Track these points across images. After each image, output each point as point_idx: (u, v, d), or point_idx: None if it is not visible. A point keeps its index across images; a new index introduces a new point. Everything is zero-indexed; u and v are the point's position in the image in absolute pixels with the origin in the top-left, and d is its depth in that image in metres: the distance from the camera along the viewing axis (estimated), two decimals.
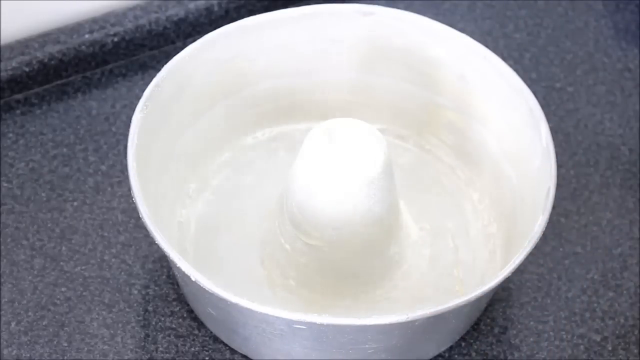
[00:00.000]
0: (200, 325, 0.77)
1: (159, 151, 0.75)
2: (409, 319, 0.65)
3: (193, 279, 0.66)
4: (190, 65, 0.77)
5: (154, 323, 0.77)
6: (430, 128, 0.84)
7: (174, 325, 0.77)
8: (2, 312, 0.77)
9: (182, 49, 0.77)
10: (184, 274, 0.67)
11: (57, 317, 0.77)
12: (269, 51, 0.81)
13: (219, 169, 0.83)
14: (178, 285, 0.78)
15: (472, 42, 0.78)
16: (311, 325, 0.65)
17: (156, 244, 0.68)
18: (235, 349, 0.76)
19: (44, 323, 0.77)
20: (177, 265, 0.67)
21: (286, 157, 0.82)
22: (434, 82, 0.81)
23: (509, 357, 0.77)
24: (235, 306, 0.65)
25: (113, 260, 0.80)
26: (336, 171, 0.70)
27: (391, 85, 0.83)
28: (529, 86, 0.76)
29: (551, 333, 0.78)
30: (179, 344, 0.76)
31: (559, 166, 0.84)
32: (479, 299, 0.67)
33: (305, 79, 0.83)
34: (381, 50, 0.81)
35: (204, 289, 0.66)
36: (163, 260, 0.79)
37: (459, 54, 0.79)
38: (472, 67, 0.79)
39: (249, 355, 0.75)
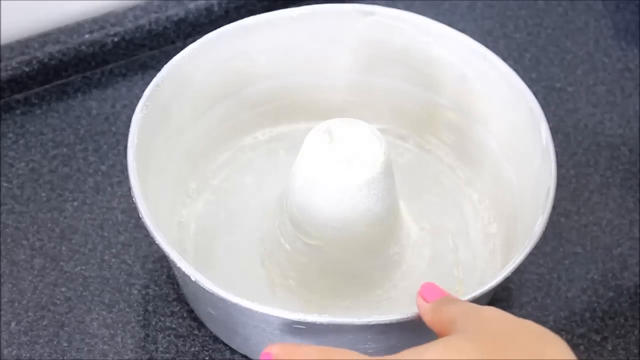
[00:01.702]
0: (200, 325, 0.77)
1: (159, 151, 0.75)
2: (409, 319, 0.64)
3: (193, 279, 0.66)
4: (190, 65, 0.77)
5: (154, 323, 0.77)
6: (430, 128, 0.84)
7: (174, 325, 0.77)
8: (2, 312, 0.77)
9: (182, 49, 0.77)
10: (184, 273, 0.67)
11: (57, 317, 0.77)
12: (268, 51, 0.81)
13: (219, 169, 0.83)
14: (178, 285, 0.78)
15: (472, 42, 0.78)
16: (311, 325, 0.65)
17: (156, 244, 0.68)
18: (235, 349, 0.75)
19: (44, 323, 0.77)
20: (177, 265, 0.67)
21: (286, 157, 0.82)
22: (434, 82, 0.81)
23: None
24: (235, 306, 0.65)
25: (113, 260, 0.80)
26: (336, 171, 0.70)
27: (391, 85, 0.83)
28: (529, 86, 0.76)
29: None
30: (179, 344, 0.76)
31: (559, 166, 0.84)
32: (478, 299, 0.67)
33: (305, 79, 0.83)
34: (381, 50, 0.81)
35: (204, 289, 0.66)
36: (163, 260, 0.79)
37: (459, 54, 0.79)
38: (472, 67, 0.79)
39: (249, 355, 0.75)
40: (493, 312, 0.59)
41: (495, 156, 0.80)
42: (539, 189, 0.72)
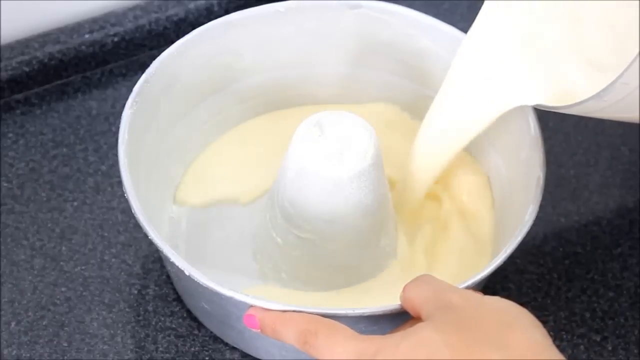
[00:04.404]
0: (200, 325, 0.77)
1: (149, 147, 0.75)
2: (402, 309, 0.64)
3: (187, 274, 0.66)
4: (178, 61, 0.77)
5: (154, 323, 0.77)
6: (417, 120, 0.84)
7: (174, 325, 0.77)
8: (2, 312, 0.77)
9: None
10: (177, 269, 0.67)
11: (57, 317, 0.77)
12: (256, 46, 0.81)
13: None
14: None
15: (459, 33, 0.78)
16: None
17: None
18: (231, 343, 0.75)
19: (44, 323, 0.77)
20: (171, 261, 0.67)
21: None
22: (422, 74, 0.81)
23: None
24: (229, 299, 0.65)
25: (113, 260, 0.80)
26: (327, 163, 0.70)
27: (378, 78, 0.83)
28: None
29: (551, 333, 0.77)
30: (179, 344, 0.76)
31: (559, 166, 0.85)
32: (471, 289, 0.67)
33: (293, 73, 0.83)
34: (369, 43, 0.81)
35: (198, 283, 0.66)
36: (163, 260, 0.79)
37: (445, 45, 0.79)
38: None
39: (244, 350, 0.75)
40: (458, 295, 0.59)
41: (483, 146, 0.80)
42: (529, 179, 0.72)
